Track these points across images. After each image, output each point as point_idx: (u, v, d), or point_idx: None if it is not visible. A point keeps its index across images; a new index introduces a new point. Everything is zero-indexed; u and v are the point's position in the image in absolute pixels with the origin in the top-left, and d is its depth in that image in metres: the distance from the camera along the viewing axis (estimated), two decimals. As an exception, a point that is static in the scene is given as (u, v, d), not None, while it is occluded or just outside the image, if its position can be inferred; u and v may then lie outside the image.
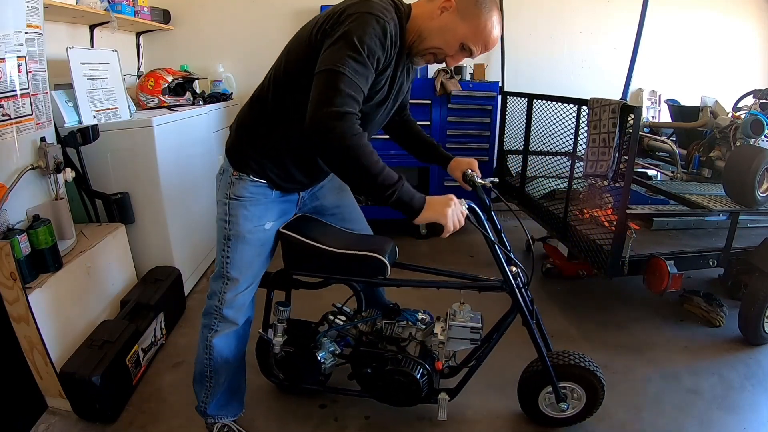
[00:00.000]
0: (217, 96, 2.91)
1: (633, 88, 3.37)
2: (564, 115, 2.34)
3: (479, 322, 1.36)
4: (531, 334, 1.35)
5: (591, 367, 1.41)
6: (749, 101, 2.51)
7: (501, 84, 3.24)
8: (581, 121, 2.16)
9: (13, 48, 1.41)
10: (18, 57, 1.42)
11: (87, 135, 1.80)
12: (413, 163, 2.84)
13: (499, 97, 3.06)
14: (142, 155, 1.99)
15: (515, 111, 2.94)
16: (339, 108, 0.98)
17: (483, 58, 3.25)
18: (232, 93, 3.15)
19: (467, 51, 1.15)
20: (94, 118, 1.99)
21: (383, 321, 1.47)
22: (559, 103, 2.38)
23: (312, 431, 1.52)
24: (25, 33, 1.45)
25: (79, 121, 1.95)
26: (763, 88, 2.58)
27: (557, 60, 3.46)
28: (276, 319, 1.44)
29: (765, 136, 2.04)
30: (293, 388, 1.62)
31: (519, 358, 1.52)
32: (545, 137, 2.55)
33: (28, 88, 1.47)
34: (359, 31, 1.01)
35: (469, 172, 1.46)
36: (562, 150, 2.39)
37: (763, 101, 2.36)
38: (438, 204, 1.09)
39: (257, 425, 1.53)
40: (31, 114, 1.50)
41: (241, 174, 1.24)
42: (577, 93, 2.38)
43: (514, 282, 1.31)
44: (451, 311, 1.38)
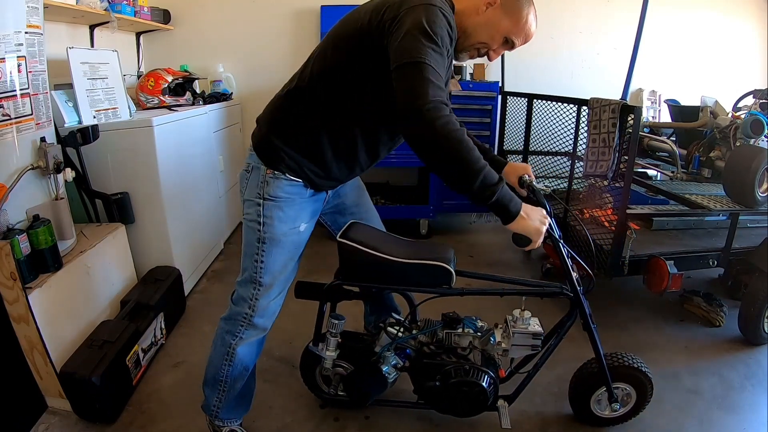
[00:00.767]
0: (217, 96, 2.91)
1: (633, 88, 3.36)
2: (564, 115, 2.35)
3: (540, 327, 1.35)
4: (592, 337, 1.38)
5: (642, 368, 1.44)
6: (749, 101, 2.51)
7: (501, 84, 3.24)
8: (581, 121, 2.16)
9: (13, 48, 1.41)
10: (18, 57, 1.42)
11: (87, 135, 1.80)
12: (413, 163, 2.85)
13: (499, 97, 3.06)
14: (142, 155, 1.99)
15: (515, 111, 2.94)
16: (435, 99, 0.95)
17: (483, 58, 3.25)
18: (232, 93, 3.16)
19: (509, 44, 1.16)
20: (94, 118, 1.99)
21: (444, 331, 1.42)
22: (559, 103, 2.38)
23: (312, 431, 1.53)
24: (25, 33, 1.45)
25: (79, 121, 1.95)
26: (763, 88, 2.57)
27: (557, 60, 3.46)
28: (329, 333, 1.39)
29: (765, 136, 2.04)
30: (334, 401, 1.56)
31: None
32: (545, 137, 2.55)
33: (28, 88, 1.47)
34: (430, 22, 0.98)
35: (526, 177, 1.44)
36: (562, 150, 2.39)
37: (763, 101, 2.36)
38: (533, 218, 1.08)
39: (257, 425, 1.53)
40: (31, 114, 1.50)
41: (276, 172, 1.17)
42: (577, 93, 2.38)
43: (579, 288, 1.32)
44: (512, 318, 1.35)
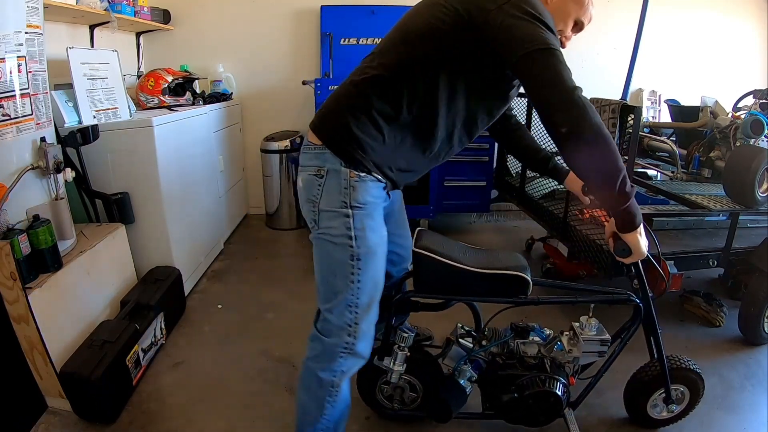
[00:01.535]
0: (217, 96, 2.92)
1: (633, 88, 3.37)
2: (564, 115, 2.34)
3: (606, 334, 1.35)
4: (657, 342, 1.40)
5: (697, 369, 1.47)
6: (749, 101, 2.51)
7: (501, 84, 3.23)
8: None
9: (13, 48, 1.40)
10: (18, 57, 1.42)
11: (87, 135, 1.80)
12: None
13: (499, 97, 3.05)
14: (142, 155, 1.99)
15: (515, 111, 2.93)
16: (575, 86, 0.92)
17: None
18: (232, 93, 3.16)
19: (578, 26, 1.14)
20: (94, 118, 1.98)
21: (515, 340, 1.41)
22: (559, 103, 2.37)
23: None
24: (25, 33, 1.45)
25: (79, 121, 1.94)
26: (763, 88, 2.58)
27: (557, 60, 3.46)
28: (397, 347, 1.36)
29: (765, 136, 2.04)
30: (398, 416, 1.52)
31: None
32: (545, 137, 2.55)
33: (28, 88, 1.47)
34: (536, 9, 0.94)
35: None
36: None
37: (763, 101, 2.36)
38: (644, 236, 1.08)
39: (257, 425, 1.53)
40: (31, 114, 1.50)
41: (361, 174, 1.04)
42: (577, 93, 2.38)
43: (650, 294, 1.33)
44: (579, 325, 1.36)
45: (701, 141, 2.32)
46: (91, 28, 2.52)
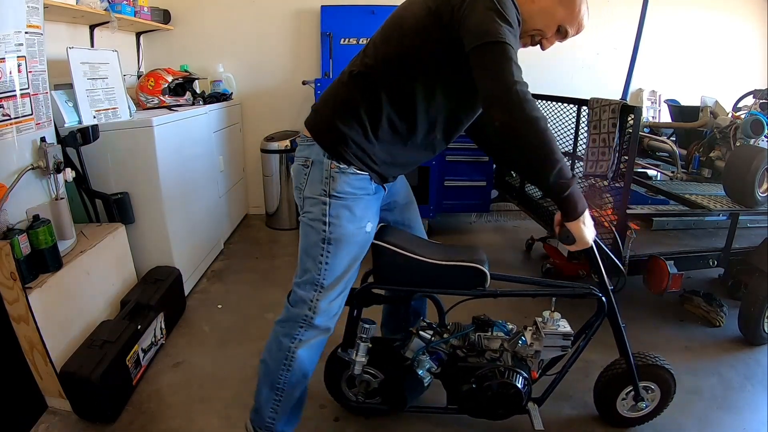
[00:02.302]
0: (217, 96, 2.92)
1: (633, 88, 3.37)
2: (564, 115, 2.34)
3: (569, 328, 1.35)
4: (620, 337, 1.38)
5: (667, 366, 1.46)
6: (749, 101, 2.52)
7: (501, 84, 3.23)
8: (581, 121, 2.16)
9: (13, 48, 1.41)
10: (18, 57, 1.42)
11: (87, 135, 1.80)
12: (413, 163, 2.85)
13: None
14: (142, 155, 1.99)
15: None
16: (520, 80, 0.94)
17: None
18: (232, 93, 3.16)
19: (562, 34, 1.16)
20: (94, 118, 1.98)
21: (476, 333, 1.43)
22: (559, 103, 2.38)
23: (312, 431, 1.52)
24: (25, 33, 1.45)
25: (79, 121, 1.95)
26: (763, 88, 2.58)
27: (557, 60, 3.45)
28: (360, 338, 1.37)
29: (765, 136, 2.05)
30: (360, 409, 1.53)
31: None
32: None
33: (28, 88, 1.47)
34: (502, 4, 0.97)
35: None
36: (562, 150, 2.39)
37: (763, 101, 2.37)
38: (589, 226, 1.11)
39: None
40: (31, 114, 1.50)
41: (341, 166, 1.11)
42: (577, 93, 2.38)
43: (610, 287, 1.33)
44: (542, 319, 1.36)
45: (701, 141, 2.32)
46: (91, 28, 2.52)
